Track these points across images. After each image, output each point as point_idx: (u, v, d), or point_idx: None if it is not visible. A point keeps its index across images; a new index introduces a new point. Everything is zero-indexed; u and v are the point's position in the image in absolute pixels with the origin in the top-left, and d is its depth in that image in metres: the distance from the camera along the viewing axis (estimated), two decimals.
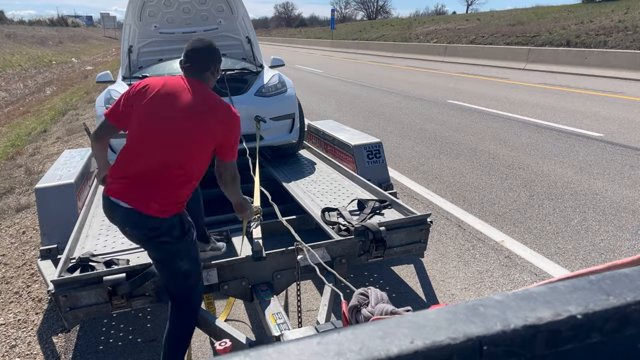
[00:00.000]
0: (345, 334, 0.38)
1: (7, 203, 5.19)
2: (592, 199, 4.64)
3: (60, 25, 77.15)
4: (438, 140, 7.15)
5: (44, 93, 16.80)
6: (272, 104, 4.11)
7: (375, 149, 4.10)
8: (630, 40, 15.85)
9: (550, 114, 8.68)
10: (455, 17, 42.24)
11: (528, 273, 3.37)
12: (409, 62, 21.77)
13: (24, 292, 3.37)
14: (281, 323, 2.26)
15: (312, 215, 3.25)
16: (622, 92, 10.88)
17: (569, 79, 13.67)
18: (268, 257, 2.57)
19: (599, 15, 21.21)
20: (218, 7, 4.83)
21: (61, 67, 27.04)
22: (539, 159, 5.98)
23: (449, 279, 3.35)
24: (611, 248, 3.68)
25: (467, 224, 4.21)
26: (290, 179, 4.04)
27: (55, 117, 11.19)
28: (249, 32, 5.02)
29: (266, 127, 4.00)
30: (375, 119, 8.99)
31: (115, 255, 2.70)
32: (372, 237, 2.68)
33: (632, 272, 0.45)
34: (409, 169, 5.85)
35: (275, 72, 4.48)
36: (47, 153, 7.49)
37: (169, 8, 4.68)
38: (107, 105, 3.87)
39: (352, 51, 31.98)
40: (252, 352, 0.37)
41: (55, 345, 2.80)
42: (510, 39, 21.35)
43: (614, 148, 6.32)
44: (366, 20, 71.96)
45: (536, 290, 0.43)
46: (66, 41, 45.79)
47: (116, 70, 6.59)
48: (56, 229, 3.05)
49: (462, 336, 0.37)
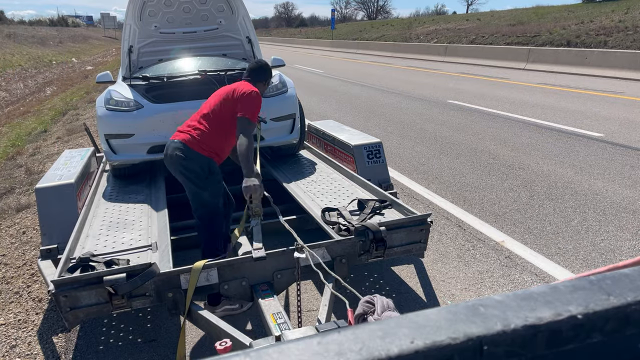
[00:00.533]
0: (345, 334, 0.38)
1: (8, 203, 5.19)
2: (592, 199, 4.64)
3: (60, 25, 77.15)
4: (438, 140, 7.15)
5: (44, 93, 16.81)
6: (273, 105, 4.09)
7: (375, 149, 4.10)
8: (631, 40, 15.85)
9: (550, 114, 8.68)
10: (456, 17, 42.24)
11: (528, 273, 3.37)
12: (409, 62, 21.77)
13: (24, 292, 3.37)
14: (281, 323, 2.26)
15: (313, 215, 3.25)
16: (623, 92, 10.88)
17: (569, 79, 13.67)
18: (268, 257, 2.57)
19: (599, 15, 21.21)
20: (218, 7, 4.82)
21: (61, 67, 27.06)
22: (539, 159, 5.98)
23: (449, 279, 3.35)
24: (611, 248, 3.68)
25: (467, 224, 4.21)
26: (291, 179, 4.04)
27: (55, 117, 11.19)
28: (250, 32, 5.01)
29: (267, 127, 3.98)
30: (376, 119, 8.99)
31: (116, 255, 2.70)
32: (373, 237, 2.68)
33: (632, 272, 0.45)
34: (410, 169, 5.85)
35: (275, 72, 4.44)
36: (48, 153, 7.50)
37: (169, 8, 4.67)
38: (107, 106, 3.87)
39: (352, 51, 31.99)
40: (252, 352, 0.37)
41: (55, 345, 2.81)
42: (510, 39, 21.35)
43: (614, 148, 6.32)
44: (366, 20, 71.97)
45: (536, 290, 0.43)
46: (66, 41, 45.80)
47: (116, 70, 6.59)
48: (56, 228, 3.05)
49: (462, 336, 0.37)
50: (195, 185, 2.93)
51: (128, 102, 3.88)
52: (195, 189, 2.94)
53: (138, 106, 3.87)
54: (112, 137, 3.85)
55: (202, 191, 2.95)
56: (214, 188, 3.00)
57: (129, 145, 3.86)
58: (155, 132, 3.82)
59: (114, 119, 3.83)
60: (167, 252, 2.72)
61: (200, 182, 2.93)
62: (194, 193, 2.96)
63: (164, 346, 2.76)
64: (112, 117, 3.84)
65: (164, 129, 3.77)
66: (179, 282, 2.43)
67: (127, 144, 3.85)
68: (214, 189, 3.00)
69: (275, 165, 4.47)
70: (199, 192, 2.95)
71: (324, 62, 24.05)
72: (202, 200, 2.96)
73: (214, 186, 3.00)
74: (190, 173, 2.91)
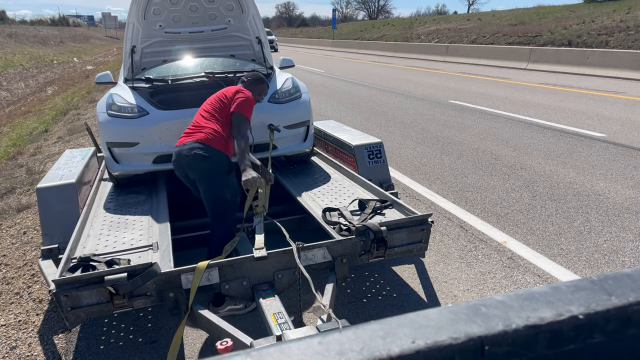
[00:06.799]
0: (346, 334, 0.38)
1: (8, 203, 5.20)
2: (594, 200, 4.63)
3: (61, 25, 77.29)
4: (440, 140, 7.14)
5: (45, 93, 16.83)
6: (286, 111, 3.86)
7: (376, 149, 4.10)
8: (632, 40, 15.83)
9: (552, 114, 8.67)
10: (457, 16, 42.20)
11: (531, 274, 3.37)
12: (411, 62, 21.76)
13: (24, 292, 3.38)
14: (282, 323, 2.26)
15: (313, 215, 3.25)
16: (624, 92, 10.86)
17: (570, 79, 13.65)
18: (269, 256, 2.57)
19: (600, 15, 21.18)
20: (227, 6, 4.57)
21: (62, 67, 27.09)
22: (541, 159, 5.97)
23: (451, 280, 3.35)
24: (614, 249, 3.67)
25: (469, 225, 4.20)
26: (291, 179, 4.04)
27: (56, 116, 11.21)
28: (260, 32, 4.73)
29: (279, 136, 3.78)
30: (377, 118, 8.99)
31: (117, 255, 2.70)
32: (373, 237, 2.68)
33: (634, 272, 0.45)
34: (411, 169, 5.84)
35: (288, 76, 4.21)
36: (49, 153, 7.50)
37: (175, 6, 4.44)
38: (109, 111, 3.64)
39: (353, 51, 31.98)
40: (253, 351, 0.37)
41: (56, 346, 2.81)
42: (511, 38, 21.34)
43: (616, 148, 6.31)
44: (367, 20, 71.95)
45: (538, 290, 0.43)
46: (67, 41, 45.86)
47: (117, 70, 6.58)
48: (57, 228, 3.05)
49: (463, 336, 0.37)
50: (217, 183, 2.97)
51: (132, 108, 3.63)
52: (216, 187, 2.97)
53: (143, 112, 3.62)
54: (115, 146, 3.62)
55: (224, 189, 2.98)
56: (233, 186, 3.04)
57: (133, 154, 3.61)
58: (162, 141, 3.56)
59: (117, 126, 3.59)
60: (168, 252, 2.72)
61: (222, 180, 2.98)
62: (214, 191, 2.98)
63: (164, 347, 2.75)
64: (114, 124, 3.60)
65: (170, 138, 3.48)
66: (180, 282, 2.43)
67: (131, 153, 3.61)
68: (234, 186, 3.05)
69: (276, 166, 4.47)
70: (220, 190, 2.98)
71: (325, 62, 24.05)
72: (222, 199, 2.98)
73: (234, 184, 3.05)
74: (213, 171, 2.95)
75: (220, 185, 2.98)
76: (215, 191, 2.98)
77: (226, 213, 3.03)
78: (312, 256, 2.66)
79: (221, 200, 2.99)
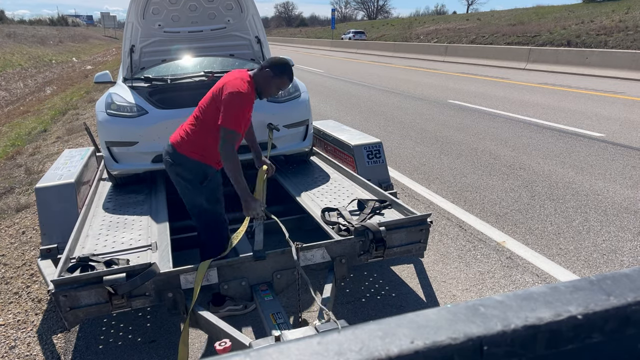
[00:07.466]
0: (345, 334, 0.38)
1: (7, 203, 5.19)
2: (593, 200, 4.64)
3: (60, 24, 77.27)
4: (439, 140, 7.15)
5: (44, 92, 16.81)
6: (285, 110, 3.88)
7: (375, 149, 4.10)
8: (631, 40, 15.85)
9: (551, 114, 8.68)
10: (456, 16, 42.23)
11: (530, 274, 3.37)
12: (410, 62, 21.76)
13: (23, 292, 3.37)
14: (281, 323, 2.26)
15: (312, 215, 3.25)
16: (623, 92, 10.87)
17: (569, 79, 13.66)
18: (268, 257, 2.57)
19: (599, 15, 21.21)
20: (227, 5, 4.58)
21: (61, 67, 27.06)
22: (540, 159, 5.98)
23: (450, 280, 3.35)
24: (613, 249, 3.67)
25: (468, 225, 4.21)
26: (290, 179, 4.03)
27: (55, 116, 11.19)
28: (259, 32, 4.73)
29: (278, 135, 3.79)
30: (376, 118, 8.99)
31: (115, 255, 2.70)
32: (372, 237, 2.68)
33: (632, 272, 0.45)
34: (410, 169, 5.85)
35: None
36: (47, 152, 7.49)
37: (174, 5, 4.44)
38: (108, 110, 3.65)
39: (352, 51, 31.98)
40: (252, 352, 0.37)
41: (55, 345, 2.80)
42: (510, 38, 21.36)
43: (615, 148, 6.32)
44: (366, 20, 71.99)
45: (537, 290, 0.43)
46: (66, 40, 45.81)
47: (116, 69, 6.57)
48: (56, 228, 3.05)
49: (462, 336, 0.37)
50: (189, 190, 2.71)
51: (131, 107, 3.64)
52: (189, 195, 2.73)
53: (142, 112, 3.64)
54: (114, 145, 3.63)
55: (196, 197, 2.72)
56: (210, 194, 2.74)
57: (132, 153, 3.63)
58: (161, 140, 3.47)
59: (116, 125, 3.60)
60: (167, 252, 2.72)
61: (193, 188, 2.69)
62: (187, 199, 2.76)
63: (163, 347, 2.75)
64: (113, 123, 3.61)
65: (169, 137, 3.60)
66: (178, 282, 2.43)
67: (130, 153, 3.63)
68: (210, 195, 2.74)
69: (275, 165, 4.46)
70: (193, 198, 2.73)
71: (324, 62, 24.05)
72: (198, 207, 2.75)
73: (210, 192, 2.74)
74: (182, 179, 2.69)
75: (193, 194, 2.72)
76: (188, 200, 2.75)
77: (205, 222, 2.81)
78: (311, 256, 2.66)
79: (197, 209, 2.76)
